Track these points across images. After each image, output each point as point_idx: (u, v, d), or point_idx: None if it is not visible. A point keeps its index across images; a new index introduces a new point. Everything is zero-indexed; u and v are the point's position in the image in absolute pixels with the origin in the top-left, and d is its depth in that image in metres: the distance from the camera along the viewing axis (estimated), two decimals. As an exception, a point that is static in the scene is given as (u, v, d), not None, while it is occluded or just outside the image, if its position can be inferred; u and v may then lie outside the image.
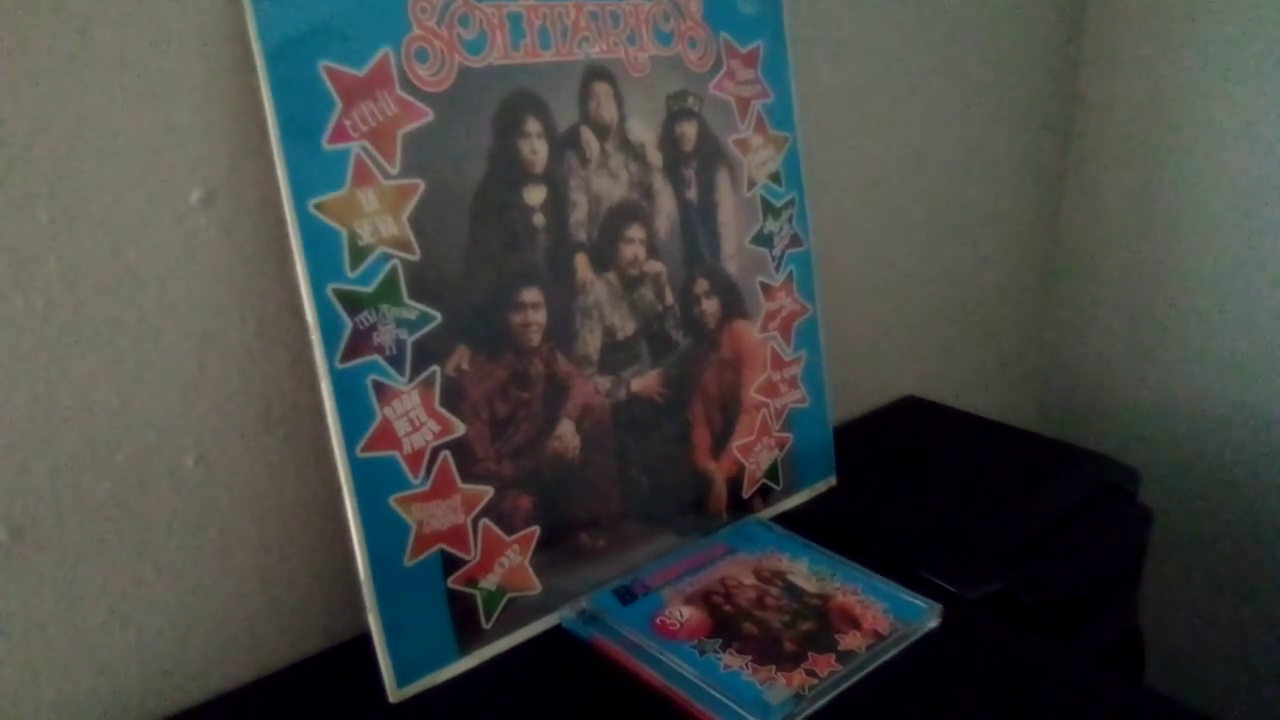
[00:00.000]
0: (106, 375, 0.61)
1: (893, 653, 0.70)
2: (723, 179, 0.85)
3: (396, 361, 0.65)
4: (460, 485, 0.68)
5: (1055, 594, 0.83)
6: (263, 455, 0.69)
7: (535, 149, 0.72)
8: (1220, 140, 1.30)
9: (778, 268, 0.90)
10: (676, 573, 0.78)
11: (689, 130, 0.82)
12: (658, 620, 0.72)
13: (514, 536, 0.72)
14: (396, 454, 0.65)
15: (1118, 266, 1.45)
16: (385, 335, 0.64)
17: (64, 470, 0.61)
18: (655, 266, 0.80)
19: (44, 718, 0.63)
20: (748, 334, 0.88)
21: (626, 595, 0.75)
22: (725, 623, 0.72)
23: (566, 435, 0.75)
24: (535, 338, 0.72)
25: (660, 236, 0.80)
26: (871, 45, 1.08)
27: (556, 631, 0.74)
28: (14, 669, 0.61)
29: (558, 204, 0.74)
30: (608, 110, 0.76)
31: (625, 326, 0.78)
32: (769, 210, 0.89)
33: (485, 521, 0.70)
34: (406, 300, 0.65)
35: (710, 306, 0.84)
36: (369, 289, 0.64)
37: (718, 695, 0.64)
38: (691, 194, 0.82)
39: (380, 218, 0.64)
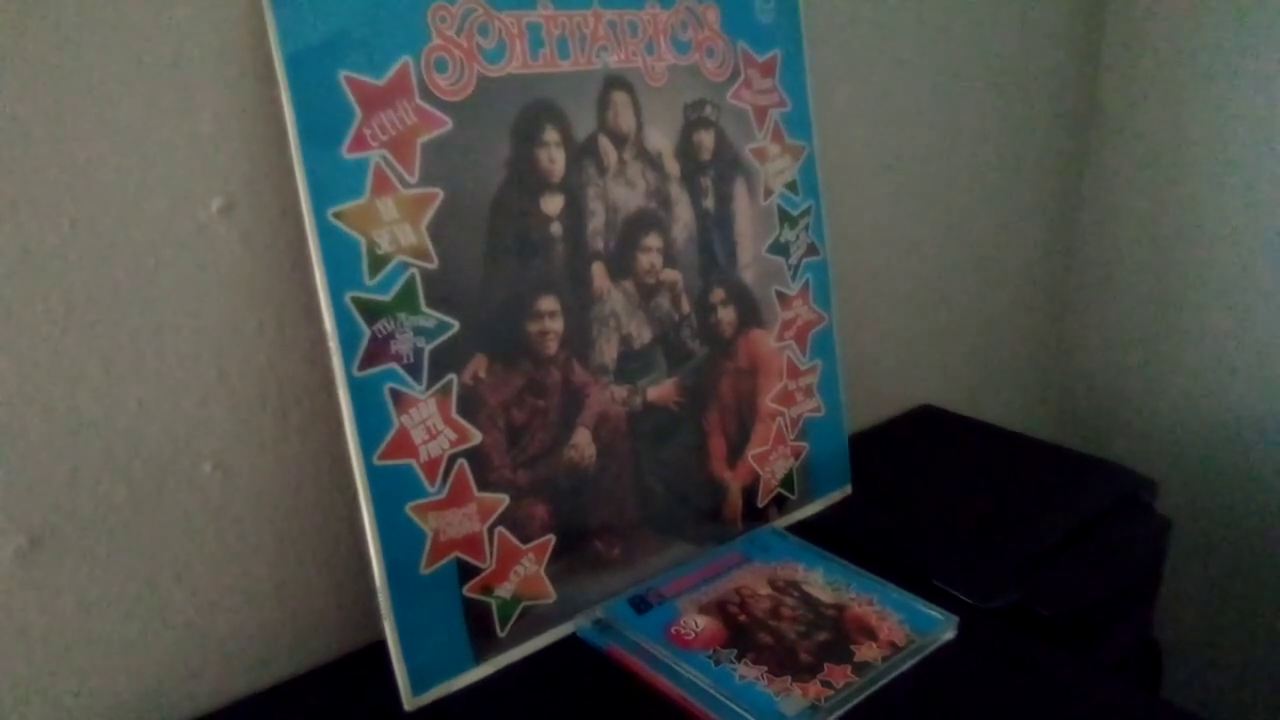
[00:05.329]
0: (125, 382, 0.62)
1: (909, 664, 0.70)
2: (740, 188, 0.85)
3: (414, 370, 0.65)
4: (476, 493, 0.68)
5: (1072, 605, 0.82)
6: (280, 463, 0.69)
7: (553, 158, 0.72)
8: (1240, 149, 1.29)
9: (794, 277, 0.90)
10: (691, 582, 0.78)
11: (706, 139, 0.82)
12: (672, 630, 0.72)
13: (529, 545, 0.72)
14: (413, 462, 0.65)
15: (1135, 277, 1.44)
16: (403, 343, 0.65)
17: (82, 477, 0.61)
18: (672, 275, 0.80)
19: (62, 723, 0.63)
20: (764, 343, 0.88)
21: (641, 604, 0.75)
22: (740, 633, 0.72)
23: (582, 444, 0.75)
24: (552, 346, 0.73)
25: (677, 245, 0.80)
26: (889, 55, 1.08)
27: (571, 640, 0.73)
28: (31, 674, 0.61)
29: (575, 213, 0.74)
30: (625, 119, 0.76)
31: (642, 335, 0.78)
32: (785, 219, 0.89)
33: (501, 530, 0.70)
34: (424, 309, 0.66)
35: (726, 315, 0.84)
36: (387, 297, 0.64)
37: (733, 706, 0.64)
38: (708, 203, 0.82)
39: (399, 226, 0.64)
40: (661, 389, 0.80)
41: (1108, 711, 0.67)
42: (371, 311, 0.63)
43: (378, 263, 0.63)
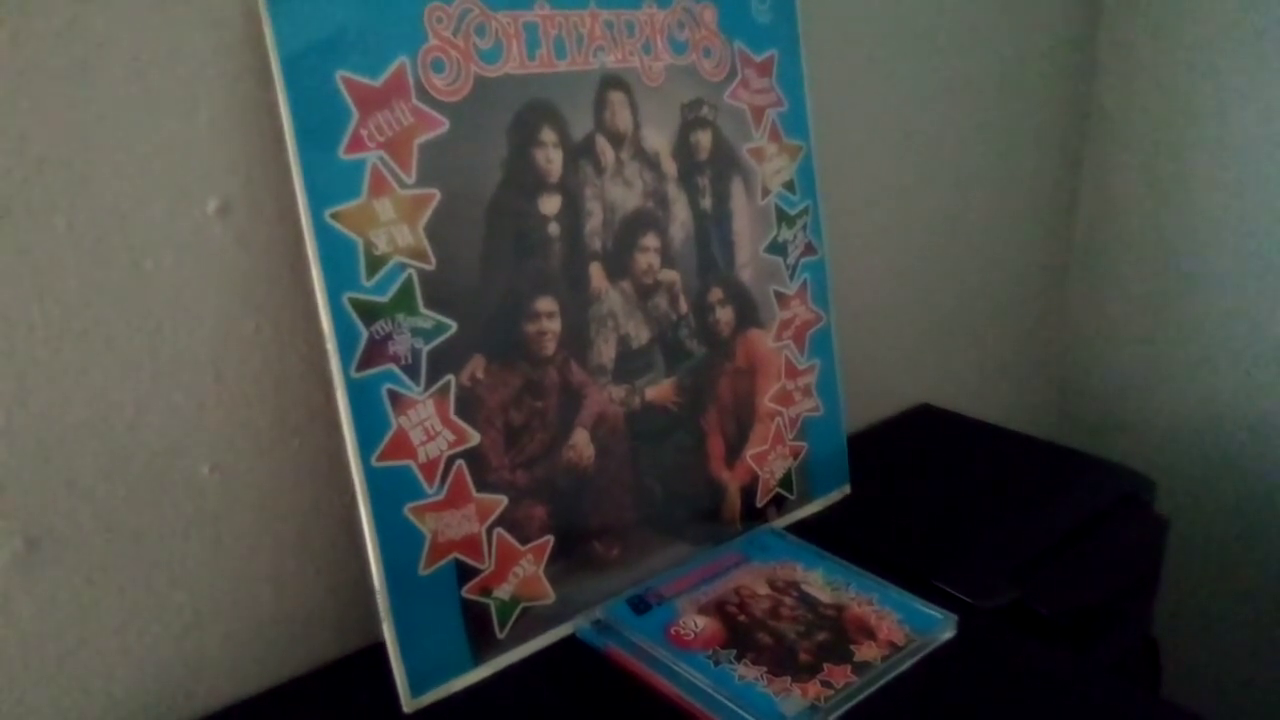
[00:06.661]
0: (122, 385, 0.62)
1: (908, 664, 0.70)
2: (737, 188, 0.85)
3: (412, 371, 0.65)
4: (475, 494, 0.68)
5: (1071, 604, 0.82)
6: (278, 464, 0.69)
7: (550, 158, 0.72)
8: (1238, 147, 1.29)
9: (791, 276, 0.90)
10: (690, 582, 0.78)
11: (703, 139, 0.82)
12: (672, 630, 0.72)
13: (528, 546, 0.72)
14: (411, 463, 0.65)
15: (1133, 275, 1.44)
16: (401, 344, 0.65)
17: (80, 481, 0.61)
18: (670, 275, 0.80)
19: (60, 726, 0.63)
20: (762, 343, 0.88)
21: (640, 605, 0.75)
22: (740, 633, 0.72)
23: (581, 444, 0.75)
24: (550, 347, 0.72)
25: (675, 245, 0.80)
26: (885, 54, 1.08)
27: (570, 641, 0.73)
28: (29, 678, 0.61)
29: (572, 213, 0.74)
30: (623, 119, 0.76)
31: (640, 335, 0.78)
32: (783, 219, 0.89)
33: (499, 531, 0.70)
34: (422, 309, 0.65)
35: (724, 315, 0.84)
36: (385, 298, 0.64)
37: (733, 706, 0.64)
38: (706, 203, 0.82)
39: (396, 227, 0.64)
40: (660, 389, 0.80)
41: (1107, 711, 0.67)
42: (369, 312, 0.63)
43: (375, 263, 0.63)
